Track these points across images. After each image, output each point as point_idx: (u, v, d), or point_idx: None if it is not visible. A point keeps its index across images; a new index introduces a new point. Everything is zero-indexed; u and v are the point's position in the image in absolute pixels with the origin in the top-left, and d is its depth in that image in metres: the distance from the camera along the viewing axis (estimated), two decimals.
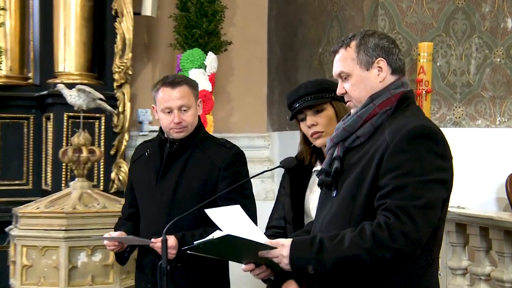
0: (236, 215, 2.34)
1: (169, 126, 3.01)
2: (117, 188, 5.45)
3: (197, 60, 5.43)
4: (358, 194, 2.11)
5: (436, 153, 2.06)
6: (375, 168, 2.08)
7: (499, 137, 4.86)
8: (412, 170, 2.02)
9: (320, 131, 2.70)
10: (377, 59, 2.19)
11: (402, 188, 2.01)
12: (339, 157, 2.20)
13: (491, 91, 4.89)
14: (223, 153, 3.04)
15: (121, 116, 5.48)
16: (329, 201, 2.23)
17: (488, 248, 3.81)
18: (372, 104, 2.18)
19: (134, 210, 3.17)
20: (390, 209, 2.00)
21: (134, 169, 3.20)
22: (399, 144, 2.05)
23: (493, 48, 4.88)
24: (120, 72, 5.48)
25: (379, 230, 1.99)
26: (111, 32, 5.52)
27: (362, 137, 2.18)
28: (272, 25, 6.35)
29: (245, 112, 6.21)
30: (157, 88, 3.04)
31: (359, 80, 2.22)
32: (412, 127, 2.06)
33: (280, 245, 2.13)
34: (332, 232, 2.10)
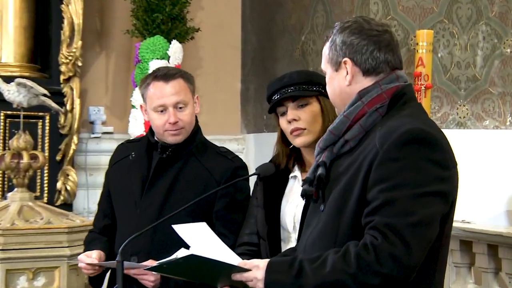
0: (203, 232, 2.35)
1: (164, 128, 2.96)
2: (64, 200, 5.41)
3: (159, 50, 5.41)
4: (344, 209, 2.10)
5: (433, 161, 2.04)
6: (363, 179, 2.07)
7: (510, 140, 4.89)
8: (404, 182, 2.01)
9: (302, 127, 2.70)
10: (343, 58, 2.21)
11: (392, 203, 2.00)
12: (324, 163, 2.20)
13: (500, 87, 4.92)
14: (224, 165, 3.00)
15: (69, 115, 5.44)
16: (316, 216, 2.22)
17: (497, 269, 3.84)
18: (361, 102, 2.18)
19: (109, 222, 3.11)
20: (378, 227, 1.99)
21: (113, 174, 3.14)
22: (389, 151, 2.04)
23: (503, 37, 4.92)
24: (68, 64, 5.44)
25: (364, 252, 1.98)
26: (57, 16, 5.49)
27: (351, 141, 2.17)
28: (247, 9, 6.35)
29: (216, 111, 6.20)
30: (147, 83, 3.00)
31: (330, 80, 2.26)
32: (405, 130, 2.05)
33: (255, 267, 2.12)
34: (316, 253, 2.09)
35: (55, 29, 5.51)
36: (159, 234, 2.91)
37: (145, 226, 2.69)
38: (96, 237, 3.11)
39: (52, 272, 4.26)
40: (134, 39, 5.70)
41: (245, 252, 2.81)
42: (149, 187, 2.97)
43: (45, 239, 4.24)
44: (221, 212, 2.94)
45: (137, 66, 5.46)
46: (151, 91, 2.98)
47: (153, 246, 2.91)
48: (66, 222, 4.39)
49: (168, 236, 2.88)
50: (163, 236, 2.91)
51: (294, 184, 2.80)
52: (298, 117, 2.71)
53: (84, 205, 5.73)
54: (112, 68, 5.98)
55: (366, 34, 2.21)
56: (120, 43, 5.96)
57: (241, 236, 2.89)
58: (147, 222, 2.78)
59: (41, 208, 4.46)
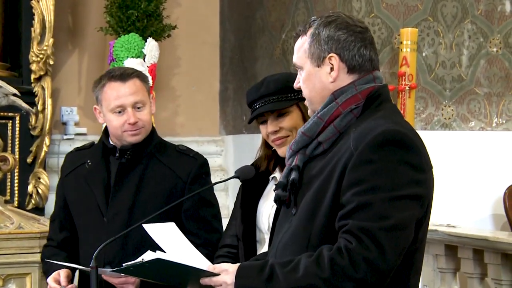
0: (172, 233, 2.37)
1: (122, 128, 2.97)
2: (35, 204, 5.38)
3: (134, 48, 5.41)
4: (317, 213, 2.11)
5: (408, 163, 2.06)
6: (337, 182, 2.08)
7: (496, 142, 4.94)
8: (378, 185, 2.02)
9: (284, 136, 2.73)
10: (329, 54, 2.19)
11: (366, 206, 2.01)
12: (298, 167, 2.20)
13: (486, 87, 4.97)
14: (187, 163, 3.04)
15: (40, 116, 5.42)
16: (287, 220, 2.23)
17: (482, 275, 3.87)
18: (335, 103, 2.18)
19: (67, 235, 3.11)
20: (352, 231, 2.00)
21: (69, 184, 3.13)
22: (363, 153, 2.05)
23: (489, 35, 4.98)
24: (39, 62, 5.42)
25: (338, 257, 2.00)
26: (27, 13, 5.46)
27: (325, 143, 2.18)
28: (226, 6, 6.37)
29: (193, 112, 6.20)
30: (102, 84, 3.01)
31: (308, 76, 2.24)
32: (380, 132, 2.06)
33: (224, 271, 2.14)
34: (288, 257, 2.10)
35: (25, 26, 5.48)
36: (131, 241, 2.92)
37: (115, 234, 2.66)
38: (56, 252, 3.09)
39: (23, 278, 4.24)
40: (108, 36, 5.69)
41: (226, 254, 2.84)
42: (114, 193, 2.98)
43: (15, 244, 4.23)
44: (190, 211, 2.98)
45: (112, 64, 5.45)
46: (108, 92, 2.99)
47: (125, 253, 2.91)
48: (38, 227, 4.38)
49: (140, 242, 2.89)
50: (135, 242, 2.92)
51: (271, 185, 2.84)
52: (278, 127, 2.75)
53: None
54: (85, 67, 5.97)
55: (353, 30, 2.21)
56: (94, 41, 5.94)
57: (223, 238, 2.93)
58: (117, 230, 2.78)
59: (11, 213, 4.44)
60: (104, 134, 3.08)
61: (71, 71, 5.94)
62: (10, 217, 4.38)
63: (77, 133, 5.90)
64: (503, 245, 3.64)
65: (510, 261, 3.68)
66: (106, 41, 5.77)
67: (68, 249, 3.08)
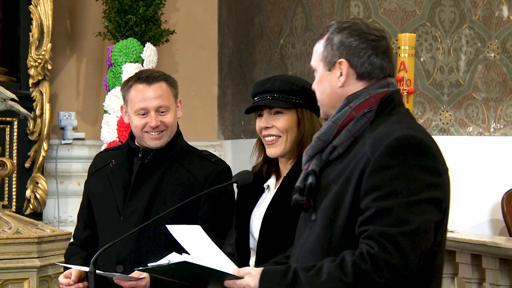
0: (197, 235, 2.38)
1: (144, 129, 2.99)
2: (33, 209, 5.39)
3: (132, 53, 5.42)
4: (336, 218, 2.15)
5: (425, 168, 2.10)
6: (355, 187, 2.11)
7: (494, 147, 4.95)
8: (397, 190, 2.06)
9: (274, 134, 2.74)
10: (339, 59, 2.24)
11: (386, 212, 2.05)
12: (314, 171, 2.23)
13: (484, 92, 4.99)
14: (207, 168, 3.03)
15: (39, 121, 5.43)
16: (308, 225, 2.26)
17: (481, 280, 3.88)
18: (348, 107, 2.21)
19: (90, 233, 3.12)
20: (373, 236, 2.04)
21: (93, 183, 3.15)
22: (380, 159, 2.09)
23: (487, 41, 4.99)
24: (37, 67, 5.43)
25: (361, 262, 2.03)
26: (25, 18, 5.47)
27: (339, 148, 2.21)
28: (224, 11, 6.38)
29: (192, 117, 6.21)
30: (129, 85, 3.03)
31: (320, 79, 2.29)
32: (395, 137, 2.10)
33: (247, 274, 2.16)
34: (310, 262, 2.13)
35: (23, 31, 5.49)
36: (144, 241, 2.93)
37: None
38: (77, 251, 3.11)
39: (21, 284, 4.24)
40: (106, 41, 5.70)
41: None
42: (132, 193, 2.99)
43: (13, 249, 4.22)
44: (206, 216, 2.98)
45: (110, 69, 5.46)
46: (133, 94, 3.00)
47: (139, 253, 2.93)
48: (36, 232, 4.38)
49: (154, 242, 2.92)
50: (148, 242, 2.94)
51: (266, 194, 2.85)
52: (271, 124, 2.76)
53: (55, 214, 5.71)
54: (83, 72, 5.98)
55: (365, 38, 2.24)
56: (92, 45, 5.96)
57: (224, 246, 2.92)
58: (131, 229, 2.78)
59: (9, 217, 4.44)
60: (130, 135, 3.10)
61: (69, 76, 5.95)
62: (8, 222, 4.38)
63: (75, 138, 5.91)
64: (501, 250, 3.65)
65: (508, 266, 3.69)
66: (104, 46, 5.79)
67: (90, 247, 3.09)
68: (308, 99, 2.77)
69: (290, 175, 2.76)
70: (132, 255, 2.93)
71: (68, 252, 3.15)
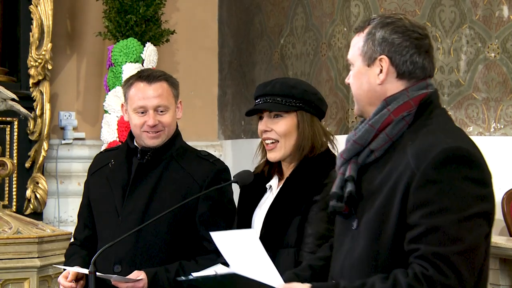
0: (249, 242, 2.26)
1: (142, 128, 3.00)
2: (33, 209, 5.39)
3: (133, 53, 5.42)
4: (382, 232, 2.09)
5: (473, 180, 2.03)
6: (400, 201, 2.05)
7: (494, 147, 4.95)
8: (446, 206, 2.00)
9: (273, 138, 2.75)
10: (380, 56, 2.17)
11: (436, 230, 1.99)
12: (353, 178, 2.17)
13: (484, 92, 4.99)
14: (206, 168, 3.04)
15: (39, 121, 5.43)
16: (348, 234, 2.20)
17: None
18: (386, 110, 2.15)
19: (90, 233, 3.13)
20: (426, 257, 1.99)
21: (92, 183, 3.17)
22: (427, 173, 2.02)
23: (487, 41, 4.99)
24: (37, 67, 5.43)
25: (416, 283, 1.97)
26: (25, 18, 5.48)
27: (377, 152, 2.15)
28: (224, 11, 6.38)
29: (192, 116, 6.21)
30: (130, 83, 3.05)
31: (358, 74, 2.22)
32: (441, 150, 2.03)
33: None
34: (358, 279, 2.07)
35: (23, 31, 5.49)
36: (142, 241, 2.94)
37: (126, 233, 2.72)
38: (76, 251, 3.13)
39: (21, 284, 4.24)
40: (106, 41, 5.71)
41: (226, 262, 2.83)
42: (130, 193, 3.00)
43: (13, 249, 4.22)
44: (205, 216, 2.98)
45: (110, 69, 5.46)
46: (133, 92, 3.02)
47: (137, 253, 2.94)
48: (36, 232, 4.38)
49: (151, 242, 2.93)
50: (146, 243, 2.94)
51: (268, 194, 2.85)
52: (270, 128, 2.77)
53: (55, 214, 5.72)
54: (83, 72, 5.98)
55: (409, 35, 2.17)
56: (92, 45, 5.96)
57: None
58: (129, 230, 2.79)
59: (9, 217, 4.44)
60: (129, 135, 3.11)
61: (70, 76, 5.95)
62: (8, 222, 4.38)
63: (75, 137, 5.91)
64: (501, 250, 3.65)
65: (508, 266, 3.69)
66: (104, 46, 5.79)
67: (89, 247, 3.10)
68: (308, 102, 2.77)
69: (292, 176, 2.77)
70: (130, 255, 2.94)
71: (68, 252, 3.17)
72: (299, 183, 2.74)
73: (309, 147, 2.77)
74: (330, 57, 4.93)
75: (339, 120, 4.82)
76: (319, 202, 2.69)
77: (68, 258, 3.11)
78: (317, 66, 5.07)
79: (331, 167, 2.68)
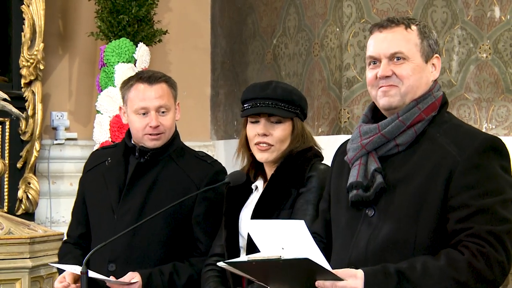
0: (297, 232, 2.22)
1: (144, 131, 3.01)
2: (25, 210, 5.39)
3: (125, 53, 5.42)
4: (420, 216, 2.20)
5: (505, 168, 2.22)
6: (444, 186, 2.19)
7: None
8: (490, 189, 2.17)
9: (270, 143, 2.77)
10: (435, 55, 2.38)
11: (486, 211, 2.14)
12: (381, 169, 2.28)
13: (476, 93, 5.01)
14: (203, 169, 3.06)
15: (31, 121, 5.43)
16: (364, 222, 2.29)
17: None
18: (417, 108, 2.30)
19: (84, 231, 3.14)
20: (480, 235, 2.12)
21: (88, 180, 3.18)
22: (472, 158, 2.19)
23: (479, 41, 5.01)
24: (29, 67, 5.42)
25: (475, 260, 2.11)
26: (17, 17, 5.47)
27: (401, 146, 2.29)
28: (217, 11, 6.38)
29: (184, 117, 6.14)
30: (130, 85, 3.06)
31: (419, 69, 2.35)
32: (484, 138, 2.23)
33: (352, 276, 2.14)
34: (391, 260, 2.16)
35: (15, 31, 5.48)
36: (137, 240, 2.95)
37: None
38: (70, 250, 3.13)
39: (13, 284, 4.24)
40: (98, 41, 5.70)
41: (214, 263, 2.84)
42: (126, 192, 3.01)
43: (5, 250, 4.22)
44: (200, 218, 2.99)
45: (102, 70, 5.46)
46: (134, 93, 3.03)
47: (131, 252, 2.95)
48: (28, 232, 4.38)
49: (147, 241, 2.94)
50: (141, 242, 2.95)
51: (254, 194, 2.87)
52: (269, 132, 2.79)
53: (47, 214, 5.71)
54: (75, 72, 5.97)
55: None
56: (84, 45, 5.96)
57: (213, 247, 2.94)
58: (124, 229, 2.81)
59: (1, 218, 4.44)
60: (127, 134, 3.11)
61: (62, 76, 5.94)
62: (0, 223, 4.38)
63: (67, 138, 5.90)
64: None
65: None
66: (97, 46, 5.79)
67: (83, 245, 3.11)
68: (302, 109, 2.82)
69: (277, 173, 2.79)
70: (125, 254, 2.95)
71: (61, 251, 3.17)
72: (284, 179, 2.77)
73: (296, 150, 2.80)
74: (322, 57, 4.94)
75: (332, 121, 4.83)
76: (304, 194, 2.72)
77: (61, 257, 3.11)
78: (310, 66, 5.08)
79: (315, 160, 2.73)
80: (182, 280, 2.92)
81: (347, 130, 4.64)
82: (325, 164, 2.80)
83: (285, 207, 2.73)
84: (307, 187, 2.74)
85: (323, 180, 2.68)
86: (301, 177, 2.75)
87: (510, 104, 4.98)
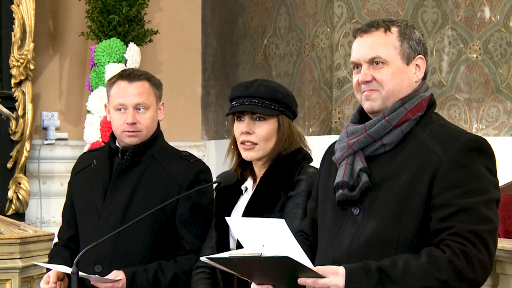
0: (277, 230, 2.26)
1: (121, 128, 3.02)
2: (15, 210, 5.38)
3: (116, 53, 5.42)
4: (404, 214, 2.21)
5: (489, 169, 2.22)
6: (428, 186, 2.20)
7: None
8: (474, 189, 2.17)
9: (254, 142, 2.77)
10: (418, 55, 2.35)
11: (468, 210, 2.15)
12: (367, 169, 2.28)
13: (466, 93, 5.02)
14: (186, 168, 3.05)
15: (21, 121, 5.42)
16: (349, 221, 2.30)
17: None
18: (403, 108, 2.30)
19: (73, 233, 3.15)
20: (462, 234, 2.13)
21: (75, 183, 3.19)
22: (457, 158, 2.19)
23: (469, 41, 5.03)
24: (19, 67, 5.42)
25: (456, 258, 2.12)
26: (7, 17, 5.46)
27: (388, 146, 2.29)
28: (208, 12, 6.39)
29: (175, 117, 6.21)
30: (112, 82, 3.07)
31: (399, 72, 2.34)
32: (469, 138, 2.23)
33: (333, 274, 2.14)
34: (374, 258, 2.17)
35: (5, 31, 5.48)
36: (122, 241, 2.95)
37: (107, 233, 2.74)
38: (59, 251, 3.15)
39: (3, 285, 4.22)
40: (89, 41, 5.70)
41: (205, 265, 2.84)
42: (110, 193, 3.01)
43: None
44: (184, 217, 2.99)
45: (93, 69, 5.46)
46: (114, 90, 3.04)
47: (116, 253, 2.95)
48: (18, 233, 4.37)
49: (132, 242, 2.94)
50: (126, 243, 2.95)
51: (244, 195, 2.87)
52: (252, 130, 2.79)
53: (37, 214, 5.70)
54: (66, 72, 5.96)
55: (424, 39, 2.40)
56: (75, 45, 5.95)
57: (203, 249, 2.93)
58: (109, 230, 2.82)
59: None
60: (112, 136, 3.11)
61: (52, 76, 5.93)
62: None
63: (57, 138, 5.89)
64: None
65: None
66: (87, 46, 5.78)
67: (72, 247, 3.12)
68: (289, 106, 2.81)
69: (266, 175, 2.79)
70: (110, 255, 2.95)
71: (51, 253, 3.19)
72: (273, 182, 2.77)
73: (284, 150, 2.80)
74: (313, 57, 4.95)
75: (322, 121, 4.84)
76: (293, 198, 2.73)
77: (51, 258, 3.13)
78: (301, 66, 5.09)
79: (304, 163, 2.74)
80: (167, 277, 2.92)
81: (338, 130, 4.65)
82: (314, 167, 2.80)
83: (274, 211, 2.73)
84: (296, 190, 2.74)
85: (312, 183, 2.68)
86: (290, 181, 2.76)
87: (500, 104, 5.00)
